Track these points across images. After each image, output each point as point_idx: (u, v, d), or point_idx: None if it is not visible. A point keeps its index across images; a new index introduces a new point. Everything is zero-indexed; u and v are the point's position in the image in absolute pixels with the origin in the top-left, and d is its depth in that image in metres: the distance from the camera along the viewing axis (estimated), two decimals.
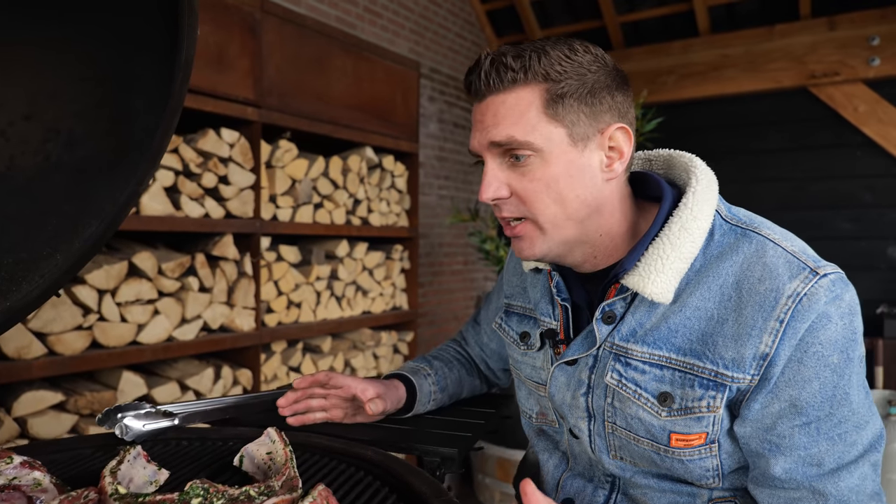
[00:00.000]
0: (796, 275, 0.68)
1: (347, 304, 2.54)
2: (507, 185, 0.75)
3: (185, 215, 1.91)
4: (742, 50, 3.67)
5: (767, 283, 0.68)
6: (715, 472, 0.74)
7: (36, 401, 1.62)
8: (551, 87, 0.72)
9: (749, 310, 0.68)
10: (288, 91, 2.20)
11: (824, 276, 0.67)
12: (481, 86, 0.74)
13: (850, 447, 0.67)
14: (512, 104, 0.72)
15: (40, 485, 0.62)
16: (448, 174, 3.73)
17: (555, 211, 0.74)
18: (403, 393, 1.00)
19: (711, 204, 0.75)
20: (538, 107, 0.72)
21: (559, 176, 0.73)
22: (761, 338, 0.67)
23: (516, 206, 0.75)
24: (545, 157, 0.72)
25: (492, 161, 0.75)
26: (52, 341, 1.64)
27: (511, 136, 0.72)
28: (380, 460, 0.75)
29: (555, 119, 0.72)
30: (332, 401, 0.99)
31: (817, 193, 3.61)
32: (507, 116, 0.72)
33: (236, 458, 0.73)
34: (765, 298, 0.68)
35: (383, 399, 0.96)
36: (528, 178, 0.73)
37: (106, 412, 0.85)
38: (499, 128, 0.73)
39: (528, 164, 0.73)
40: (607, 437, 0.79)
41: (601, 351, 0.78)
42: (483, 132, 0.74)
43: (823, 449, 0.67)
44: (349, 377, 0.98)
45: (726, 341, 0.69)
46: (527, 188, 0.73)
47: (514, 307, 0.97)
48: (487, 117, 0.74)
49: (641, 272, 0.73)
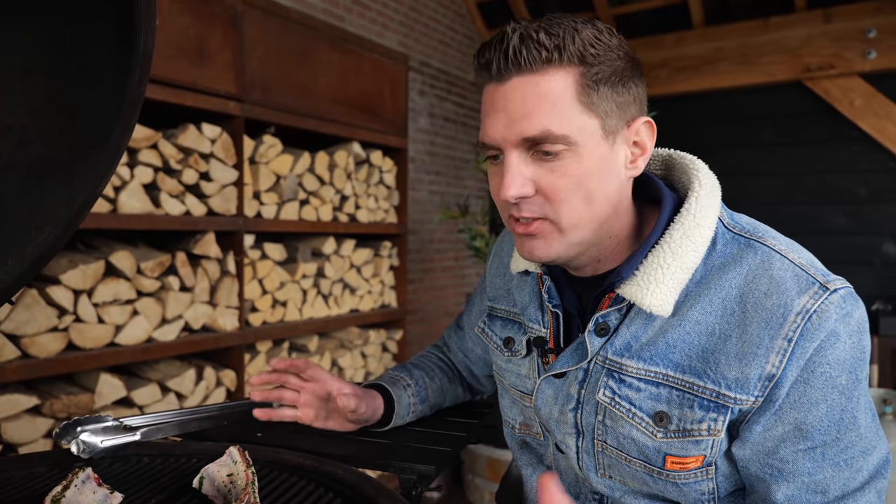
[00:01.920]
0: (805, 290, 0.63)
1: (335, 303, 2.50)
2: (533, 182, 0.66)
3: (165, 213, 1.85)
4: (736, 43, 3.63)
5: (775, 299, 0.63)
6: (711, 496, 0.70)
7: (9, 405, 1.57)
8: (586, 71, 0.64)
9: (755, 326, 0.63)
10: (271, 85, 2.14)
11: (834, 291, 0.63)
12: (508, 64, 0.64)
13: (855, 473, 0.63)
14: (546, 89, 0.63)
15: None
16: (439, 169, 3.68)
17: (581, 211, 0.66)
18: (381, 404, 0.95)
19: (715, 211, 0.70)
20: (573, 93, 0.64)
21: (591, 173, 0.65)
22: (768, 357, 0.62)
23: (540, 205, 0.67)
24: (578, 151, 0.65)
25: (515, 154, 0.66)
26: (26, 343, 1.58)
27: (547, 130, 0.64)
28: (351, 480, 0.70)
29: (590, 109, 0.65)
30: (305, 397, 0.94)
31: (812, 188, 3.58)
32: (541, 104, 0.64)
33: (196, 480, 0.69)
34: (772, 315, 0.63)
35: (358, 398, 0.90)
36: (557, 174, 0.65)
37: (64, 426, 0.81)
38: (531, 119, 0.64)
39: (560, 159, 0.65)
40: (596, 456, 0.75)
41: (593, 365, 0.73)
42: (509, 123, 0.65)
43: (829, 476, 0.63)
44: (327, 373, 0.94)
45: (730, 360, 0.64)
46: (556, 185, 0.65)
47: (497, 311, 0.92)
48: (515, 103, 0.65)
49: (640, 282, 0.67)
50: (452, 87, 3.82)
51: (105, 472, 0.74)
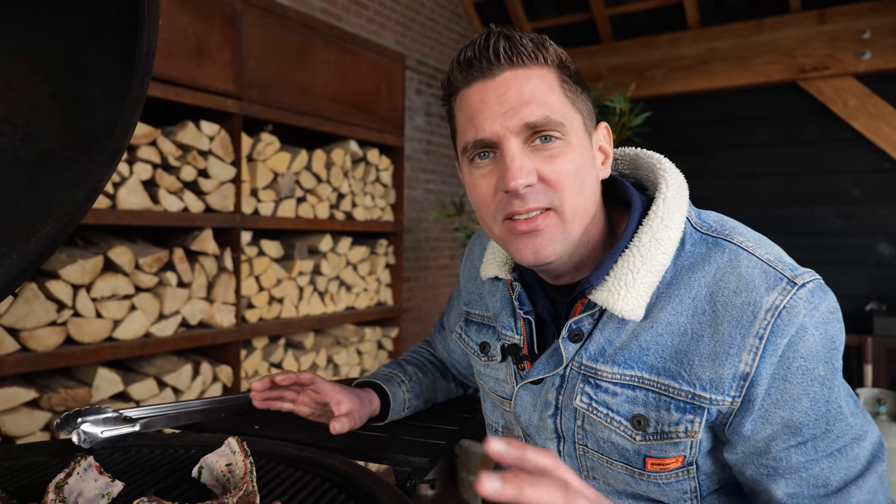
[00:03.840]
0: (773, 286, 0.64)
1: (331, 300, 2.51)
2: (535, 172, 0.67)
3: (164, 209, 1.87)
4: (731, 43, 3.65)
5: (744, 296, 0.64)
6: (693, 494, 0.70)
7: (8, 398, 1.59)
8: (564, 73, 0.68)
9: (726, 325, 0.64)
10: (269, 83, 2.15)
11: (802, 286, 0.64)
12: (500, 60, 0.66)
13: (853, 462, 0.63)
14: (537, 80, 0.66)
15: None
16: (435, 168, 3.70)
17: (578, 201, 0.68)
18: (377, 405, 0.96)
19: (682, 211, 0.70)
20: (559, 88, 0.67)
21: (582, 164, 0.68)
22: (740, 356, 0.63)
23: (544, 192, 0.67)
24: (570, 141, 0.68)
25: (515, 145, 0.67)
26: (25, 337, 1.60)
27: (546, 115, 0.66)
28: (347, 471, 0.72)
29: (573, 105, 0.68)
30: (303, 398, 0.94)
31: (806, 189, 3.60)
32: (536, 93, 0.66)
33: (195, 470, 0.70)
34: (742, 313, 0.64)
35: (351, 419, 0.90)
36: (557, 161, 0.67)
37: (65, 417, 0.82)
38: (531, 106, 0.66)
39: (555, 146, 0.67)
40: (579, 459, 0.76)
41: (569, 371, 0.73)
42: (507, 112, 0.66)
43: (826, 467, 0.63)
44: (330, 385, 0.91)
45: (703, 360, 0.65)
46: (558, 171, 0.67)
47: (472, 315, 0.92)
48: (510, 94, 0.66)
49: (610, 287, 0.68)
50: None
51: (106, 461, 0.75)
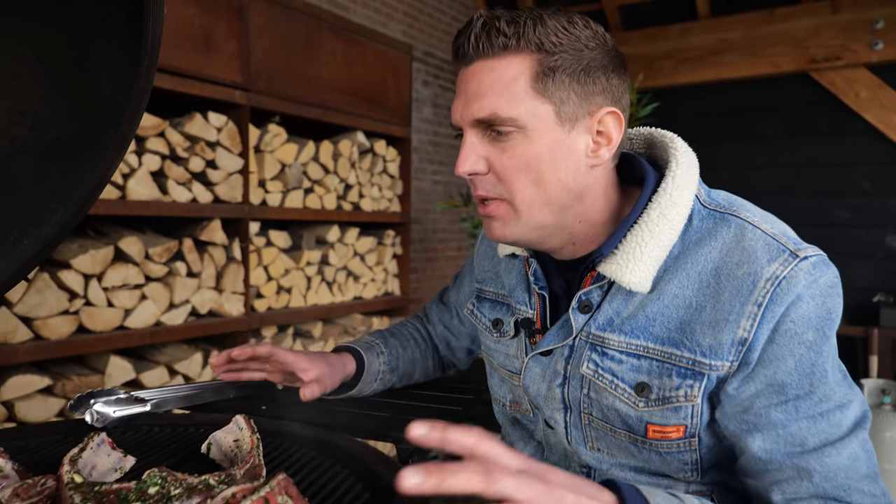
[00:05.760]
0: (775, 258, 0.65)
1: (338, 290, 2.54)
2: (486, 160, 0.71)
3: (173, 200, 1.89)
4: (741, 34, 3.62)
5: (746, 268, 0.66)
6: (693, 467, 0.72)
7: (23, 385, 1.62)
8: (543, 58, 0.68)
9: (727, 295, 0.66)
10: (276, 74, 2.17)
11: (805, 258, 0.65)
12: (469, 49, 0.69)
13: (834, 427, 0.64)
14: (499, 73, 0.68)
15: (1, 471, 0.62)
16: (442, 159, 3.71)
17: (532, 193, 0.70)
18: (352, 370, 0.99)
19: (691, 188, 0.72)
20: (527, 79, 0.68)
21: (541, 156, 0.69)
22: (739, 323, 0.65)
23: (493, 184, 0.71)
24: (528, 134, 0.69)
25: (472, 133, 0.71)
26: (38, 326, 1.63)
27: (494, 112, 0.68)
28: (349, 448, 0.74)
29: (542, 94, 0.68)
30: (271, 367, 0.97)
31: (816, 181, 3.58)
32: (493, 87, 0.68)
33: (204, 446, 0.72)
34: (742, 283, 0.65)
35: (321, 383, 0.93)
36: (507, 154, 0.69)
37: (78, 398, 0.85)
38: (482, 101, 0.68)
39: (510, 139, 0.69)
40: (584, 429, 0.78)
41: (577, 341, 0.76)
42: (466, 104, 0.70)
43: (804, 427, 0.64)
44: (291, 353, 0.93)
45: (704, 328, 0.67)
46: (506, 165, 0.69)
47: (485, 293, 0.95)
48: (472, 85, 0.70)
49: (619, 260, 0.70)
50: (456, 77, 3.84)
51: (118, 439, 0.78)
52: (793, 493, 0.64)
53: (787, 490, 0.64)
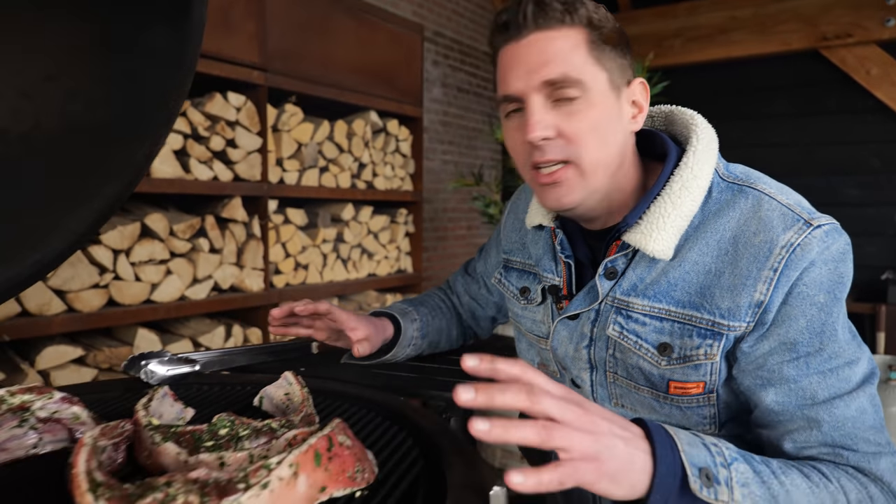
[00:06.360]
0: (790, 226, 0.70)
1: (353, 267, 2.60)
2: (554, 127, 0.74)
3: (195, 178, 1.94)
4: (751, 12, 3.62)
5: (762, 236, 0.70)
6: (711, 421, 0.78)
7: (57, 355, 1.69)
8: (593, 32, 0.73)
9: (744, 261, 0.71)
10: (293, 55, 2.21)
11: (818, 226, 0.69)
12: (526, 21, 0.73)
13: (843, 382, 0.69)
14: (560, 43, 0.72)
15: (79, 418, 0.68)
16: (452, 139, 3.74)
17: (598, 154, 0.74)
18: (391, 333, 1.06)
19: (711, 163, 0.77)
20: (585, 48, 0.72)
21: (602, 119, 0.73)
22: (756, 286, 0.70)
23: (562, 147, 0.74)
24: (591, 98, 0.73)
25: (537, 101, 0.74)
26: (71, 298, 1.70)
27: (565, 73, 0.71)
28: (390, 403, 0.80)
29: (598, 62, 0.73)
30: (320, 324, 1.05)
31: (825, 159, 3.60)
32: (558, 54, 0.72)
33: (256, 399, 0.79)
34: (759, 250, 0.70)
35: (370, 342, 1.02)
36: (576, 118, 0.73)
37: (131, 359, 0.91)
38: (550, 66, 0.72)
39: (576, 104, 0.73)
40: (609, 387, 0.83)
41: (603, 305, 0.81)
42: (530, 72, 0.73)
43: (814, 381, 0.69)
44: (345, 313, 1.01)
45: (723, 292, 0.72)
46: (576, 128, 0.73)
47: (513, 262, 1.00)
48: (532, 55, 0.73)
49: (643, 229, 0.76)
50: (466, 57, 3.85)
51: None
52: (803, 441, 0.69)
53: (798, 439, 0.69)
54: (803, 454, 0.69)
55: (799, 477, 0.63)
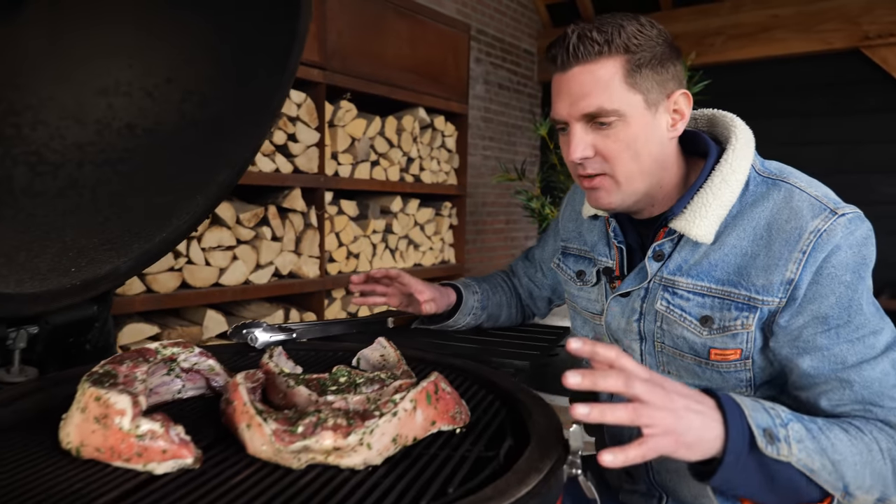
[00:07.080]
0: (818, 215, 0.80)
1: (400, 257, 2.72)
2: (592, 146, 0.86)
3: (259, 170, 2.08)
4: (793, 10, 3.62)
5: (793, 223, 0.81)
6: (748, 384, 0.88)
7: (136, 332, 1.85)
8: (630, 58, 0.83)
9: (777, 245, 0.82)
10: (349, 54, 2.33)
11: (843, 215, 0.80)
12: (569, 57, 0.84)
13: (869, 349, 0.78)
14: (598, 75, 0.83)
15: (213, 370, 0.80)
16: (493, 135, 3.83)
17: (631, 167, 0.86)
18: (454, 300, 1.21)
19: (748, 160, 0.88)
20: (620, 77, 0.83)
21: (637, 136, 0.85)
22: (787, 266, 0.80)
23: (599, 163, 0.86)
24: (626, 121, 0.84)
25: (578, 125, 0.86)
26: (150, 280, 1.85)
27: (600, 107, 0.83)
28: (467, 366, 0.91)
29: (633, 87, 0.84)
30: (392, 290, 1.21)
31: (864, 157, 3.59)
32: (595, 87, 0.83)
33: (354, 360, 0.90)
34: (790, 235, 0.80)
35: (436, 302, 1.17)
36: (611, 139, 0.84)
37: (235, 328, 1.04)
38: (588, 99, 0.83)
39: (612, 127, 0.84)
40: (657, 356, 0.94)
41: (651, 284, 0.93)
42: (572, 103, 0.85)
43: (845, 349, 0.79)
44: (414, 279, 1.18)
45: (758, 272, 0.83)
46: (611, 148, 0.85)
47: (570, 249, 1.12)
48: (574, 87, 0.84)
49: (688, 217, 0.87)
50: (507, 54, 3.94)
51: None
52: (837, 399, 0.79)
53: (832, 398, 0.80)
54: (838, 411, 0.79)
55: (840, 431, 0.74)
